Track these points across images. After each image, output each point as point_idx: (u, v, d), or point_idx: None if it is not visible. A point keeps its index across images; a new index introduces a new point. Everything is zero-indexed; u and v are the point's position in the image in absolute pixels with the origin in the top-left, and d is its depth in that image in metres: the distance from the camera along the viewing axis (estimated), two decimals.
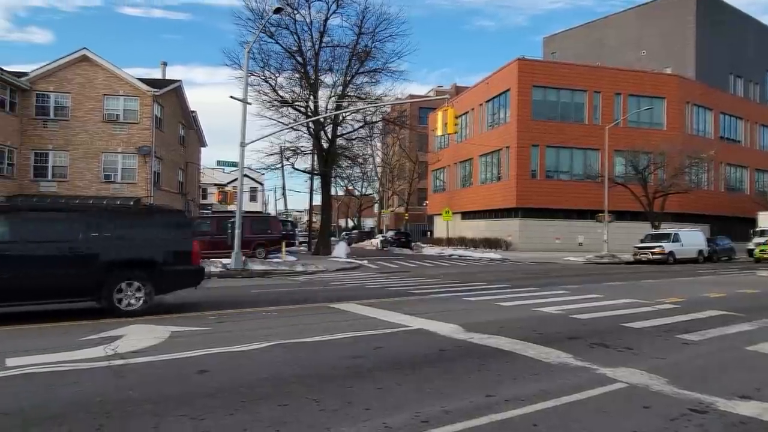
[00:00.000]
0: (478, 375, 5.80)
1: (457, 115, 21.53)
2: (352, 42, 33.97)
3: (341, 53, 34.36)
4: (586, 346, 7.19)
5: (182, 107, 37.29)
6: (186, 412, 4.54)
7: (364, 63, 34.36)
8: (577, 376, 5.73)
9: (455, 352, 6.90)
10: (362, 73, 34.76)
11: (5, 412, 4.50)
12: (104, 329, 8.13)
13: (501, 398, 4.97)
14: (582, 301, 12.08)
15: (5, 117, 27.34)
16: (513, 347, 7.08)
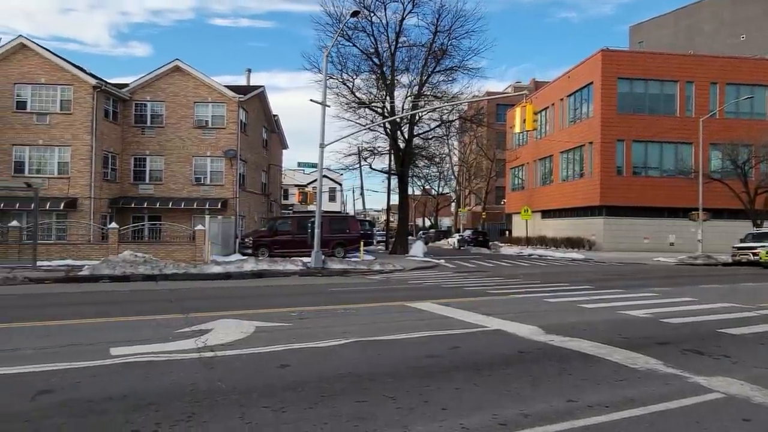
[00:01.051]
0: (558, 379, 5.63)
1: (536, 111, 20.95)
2: (428, 41, 33.97)
3: (417, 53, 34.45)
4: (677, 353, 6.78)
5: (265, 111, 38.81)
6: (268, 403, 4.74)
7: (440, 61, 34.23)
8: (667, 384, 5.42)
9: (534, 354, 6.73)
10: (438, 71, 34.65)
11: (110, 397, 4.90)
12: (195, 323, 8.63)
13: (583, 404, 4.79)
14: (673, 304, 11.39)
15: (109, 125, 29.69)
16: (596, 351, 6.81)
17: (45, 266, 19.76)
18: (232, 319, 8.96)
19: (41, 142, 28.05)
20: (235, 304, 11.09)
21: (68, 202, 27.42)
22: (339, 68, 33.48)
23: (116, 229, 23.70)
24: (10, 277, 16.27)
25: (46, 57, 28.43)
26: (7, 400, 4.85)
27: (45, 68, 28.29)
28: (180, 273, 18.17)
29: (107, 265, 18.07)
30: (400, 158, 34.99)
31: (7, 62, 28.05)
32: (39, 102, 28.23)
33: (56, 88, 28.24)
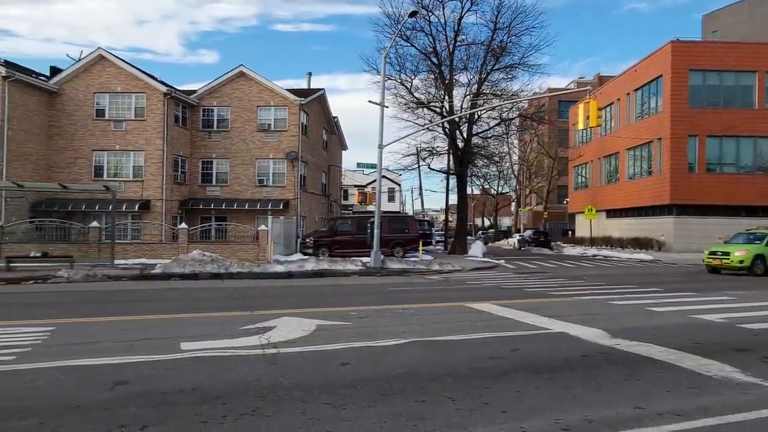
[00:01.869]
0: (625, 384, 5.43)
1: (600, 107, 20.26)
2: (487, 38, 33.52)
3: (476, 51, 34.06)
4: (757, 360, 6.38)
5: (325, 113, 39.49)
6: (329, 400, 4.83)
7: (499, 59, 33.70)
8: (745, 393, 5.12)
9: (599, 358, 6.52)
10: (498, 69, 34.12)
11: (181, 390, 5.15)
12: (259, 320, 8.91)
13: (652, 411, 4.60)
14: (753, 308, 10.72)
15: (179, 130, 31.11)
16: (666, 356, 6.51)
17: (122, 264, 20.94)
18: (293, 317, 9.18)
19: (118, 147, 29.74)
20: (296, 303, 11.37)
21: (142, 203, 28.93)
22: (397, 69, 33.62)
23: (186, 229, 24.81)
24: (91, 274, 17.35)
25: (122, 67, 30.12)
26: (89, 389, 5.19)
27: (121, 78, 29.97)
28: (244, 272, 18.79)
29: (177, 264, 18.93)
30: (459, 158, 34.70)
31: (88, 73, 29.93)
32: (116, 109, 29.96)
33: (131, 96, 29.87)
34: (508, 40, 33.22)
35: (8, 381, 5.44)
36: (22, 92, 28.13)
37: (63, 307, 11.24)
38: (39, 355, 6.44)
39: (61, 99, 29.82)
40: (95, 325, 8.76)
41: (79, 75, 29.92)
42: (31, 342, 7.21)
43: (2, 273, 17.77)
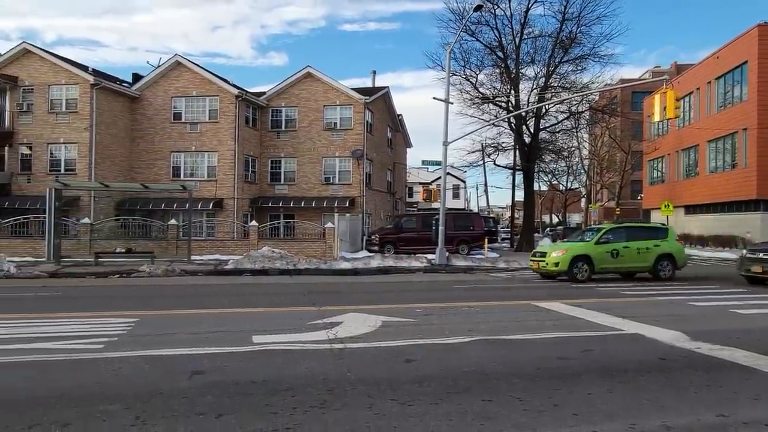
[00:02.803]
0: (706, 390, 5.14)
1: (678, 98, 19.19)
2: (555, 30, 32.54)
3: (543, 43, 33.13)
4: None
5: (390, 111, 39.68)
6: (395, 396, 4.87)
7: (568, 51, 32.62)
8: None
9: (678, 362, 6.20)
10: (567, 61, 33.05)
11: (253, 381, 5.35)
12: (326, 316, 9.10)
13: (737, 420, 4.33)
14: None
15: (249, 131, 32.24)
16: (753, 362, 6.10)
17: (197, 260, 21.98)
18: (359, 314, 9.31)
19: (193, 149, 31.21)
20: (362, 299, 11.52)
21: (216, 202, 30.22)
22: (462, 64, 33.25)
23: (256, 226, 25.70)
24: (170, 269, 18.32)
25: (197, 72, 31.55)
26: (169, 377, 5.49)
27: (195, 82, 31.41)
28: (312, 268, 19.23)
29: (248, 260, 19.65)
30: (526, 153, 33.90)
31: (166, 79, 31.57)
32: (191, 112, 31.44)
33: (205, 99, 31.25)
34: (578, 31, 32.12)
35: (98, 367, 5.84)
36: (108, 98, 30.05)
37: (145, 300, 11.94)
38: (124, 345, 6.88)
39: (142, 104, 31.63)
40: (174, 318, 9.26)
41: (158, 81, 31.61)
42: (117, 332, 7.71)
43: (92, 268, 19.09)
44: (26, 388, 5.06)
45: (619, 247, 16.50)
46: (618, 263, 16.53)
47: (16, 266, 17.80)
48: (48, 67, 29.70)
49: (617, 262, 16.52)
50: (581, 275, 16.07)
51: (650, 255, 16.64)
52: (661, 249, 16.83)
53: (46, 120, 29.52)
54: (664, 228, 18.18)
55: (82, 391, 4.99)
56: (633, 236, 16.97)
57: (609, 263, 16.47)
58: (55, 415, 4.31)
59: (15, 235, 24.33)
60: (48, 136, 29.52)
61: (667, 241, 17.16)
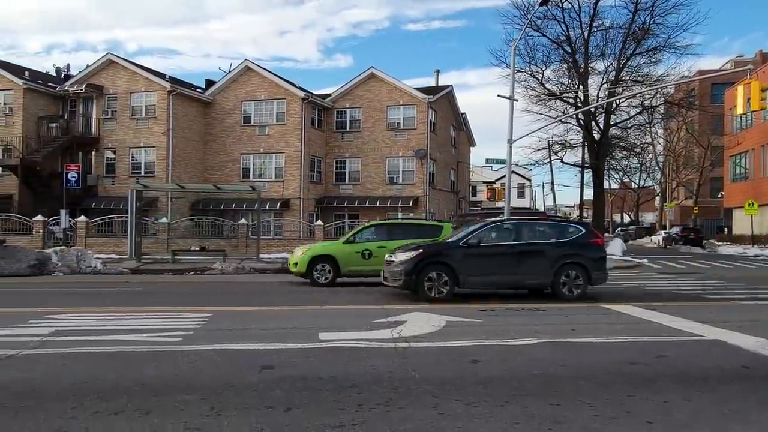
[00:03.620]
0: None
1: (763, 88, 17.94)
2: (627, 21, 31.18)
3: (614, 35, 31.84)
4: None
5: (453, 110, 39.43)
6: (459, 397, 4.85)
7: (641, 42, 31.18)
8: None
9: (764, 371, 5.81)
10: (639, 53, 31.62)
11: (320, 377, 5.48)
12: (391, 314, 9.18)
13: None
14: None
15: (315, 132, 32.98)
16: None
17: (266, 258, 22.70)
18: (423, 313, 9.32)
19: (262, 150, 32.28)
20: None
21: (283, 202, 31.12)
22: (527, 60, 32.49)
23: (321, 226, 26.26)
24: (240, 267, 19.04)
25: (265, 76, 32.61)
26: (240, 372, 5.72)
27: (263, 86, 32.46)
28: None
29: None
30: (595, 150, 32.71)
31: (237, 83, 32.83)
32: (260, 115, 32.54)
33: (273, 102, 32.25)
34: (651, 21, 30.64)
35: (176, 359, 6.18)
36: (183, 104, 31.61)
37: (218, 296, 12.49)
38: (199, 339, 7.23)
39: (214, 108, 33.04)
40: (245, 314, 9.63)
41: (229, 86, 32.92)
42: (193, 326, 8.11)
43: (169, 265, 20.15)
44: (113, 377, 5.42)
45: (372, 248, 14.53)
46: (368, 265, 14.39)
47: (102, 263, 19.05)
48: (129, 75, 31.59)
49: (368, 264, 14.40)
50: (322, 278, 14.45)
51: None
52: None
53: (128, 126, 31.42)
54: (438, 226, 15.76)
55: (161, 382, 5.30)
56: (396, 235, 14.82)
57: (358, 265, 14.53)
58: (138, 403, 4.60)
59: (101, 233, 26.07)
60: (130, 141, 31.40)
61: None
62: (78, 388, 5.05)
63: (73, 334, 7.44)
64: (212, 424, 4.14)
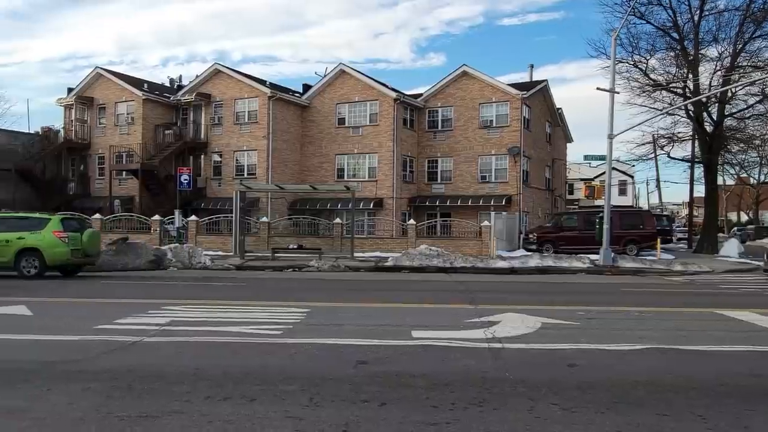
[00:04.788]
0: None
1: None
2: (744, 2, 28.48)
3: (729, 18, 29.16)
4: None
5: (548, 105, 38.14)
6: (556, 401, 4.72)
7: (761, 24, 28.35)
8: None
9: None
10: (759, 36, 28.75)
11: (413, 374, 5.55)
12: (483, 314, 9.08)
13: None
14: None
15: (407, 132, 33.26)
16: None
17: (359, 257, 23.24)
18: (517, 313, 9.13)
19: (356, 151, 33.06)
20: (519, 299, 11.27)
21: (376, 201, 31.68)
22: (629, 50, 30.61)
23: (413, 225, 26.44)
24: (335, 265, 19.66)
25: (359, 78, 33.36)
26: (337, 366, 5.93)
27: (357, 88, 33.22)
28: (468, 266, 19.26)
29: (407, 257, 20.29)
30: (707, 144, 30.20)
31: (332, 87, 33.88)
32: (354, 117, 33.35)
33: (366, 104, 32.92)
34: None
35: (277, 352, 6.52)
36: (282, 108, 33.12)
37: (315, 292, 12.98)
38: (298, 333, 7.58)
39: (310, 111, 34.31)
40: (340, 310, 9.94)
41: (325, 89, 34.03)
42: (293, 320, 8.51)
43: (270, 262, 21.21)
44: (222, 365, 5.83)
45: None
46: None
47: (210, 259, 20.44)
48: (234, 83, 33.59)
49: None
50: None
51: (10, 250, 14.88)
52: (25, 243, 14.97)
53: (232, 130, 33.44)
54: (45, 219, 15.76)
55: (265, 372, 5.62)
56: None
57: None
58: (244, 390, 4.92)
59: (209, 232, 27.97)
60: (234, 145, 33.40)
61: (38, 234, 15.07)
62: (191, 374, 5.49)
63: (186, 325, 8.07)
64: (311, 415, 4.34)
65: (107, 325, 7.90)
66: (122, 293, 12.26)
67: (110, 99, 35.42)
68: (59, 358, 6.11)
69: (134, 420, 4.17)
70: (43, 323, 8.32)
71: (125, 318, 8.48)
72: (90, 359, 6.07)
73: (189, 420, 4.19)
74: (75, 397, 4.73)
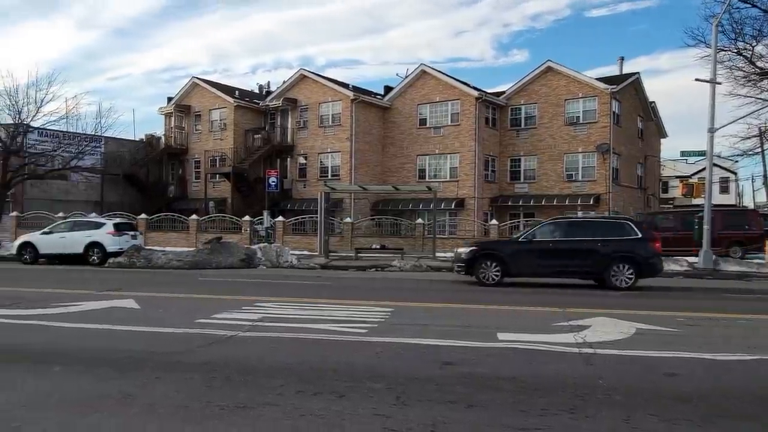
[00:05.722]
0: None
1: None
2: None
3: None
4: None
5: (640, 99, 36.17)
6: (655, 412, 4.48)
7: None
8: None
9: None
10: None
11: (499, 377, 5.47)
12: (572, 318, 8.77)
13: None
14: None
15: (489, 131, 32.75)
16: None
17: (441, 257, 23.14)
18: (609, 318, 8.74)
19: (437, 151, 32.99)
20: (610, 302, 10.78)
21: (457, 202, 31.45)
22: (732, 37, 28.20)
23: (496, 225, 25.97)
24: (417, 265, 19.71)
25: (440, 78, 33.27)
26: (422, 365, 5.96)
27: (438, 88, 33.13)
28: None
29: None
30: None
31: (413, 88, 34.02)
32: (435, 117, 33.30)
33: (447, 103, 32.76)
34: None
35: (363, 350, 6.65)
36: (364, 110, 33.69)
37: (398, 291, 13.09)
38: (383, 331, 7.68)
39: (392, 113, 34.64)
40: (424, 310, 9.97)
41: (406, 90, 34.24)
42: (377, 319, 8.64)
43: (353, 261, 21.64)
44: (311, 361, 6.04)
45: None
46: None
47: (296, 258, 21.17)
48: (318, 87, 34.60)
49: None
50: None
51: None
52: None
53: (316, 133, 34.47)
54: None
55: (351, 369, 5.75)
56: None
57: None
58: (333, 386, 5.07)
59: (295, 232, 28.96)
60: (318, 147, 34.40)
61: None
62: (283, 368, 5.73)
63: (277, 321, 8.42)
64: (398, 413, 4.39)
65: (205, 319, 8.41)
66: (218, 289, 12.99)
67: (205, 106, 37.65)
68: (165, 349, 6.58)
69: (232, 410, 4.43)
70: (150, 316, 9.00)
71: (221, 313, 8.98)
72: (191, 351, 6.49)
73: (282, 412, 4.38)
74: (179, 386, 5.09)
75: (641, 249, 13.41)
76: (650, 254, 13.47)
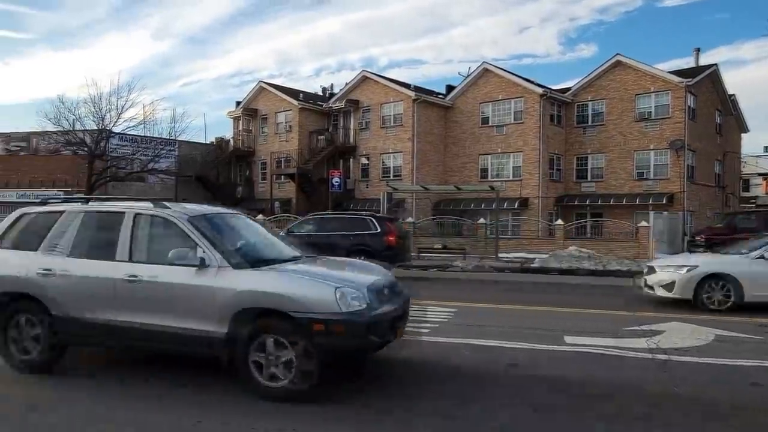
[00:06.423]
0: None
1: None
2: None
3: None
4: None
5: (718, 93, 34.16)
6: (736, 424, 4.29)
7: None
8: None
9: None
10: None
11: (567, 381, 5.38)
12: (644, 322, 8.45)
13: None
14: None
15: (554, 129, 31.92)
16: None
17: (504, 257, 22.81)
18: (685, 323, 8.36)
19: (499, 150, 32.50)
20: (685, 307, 10.28)
21: (521, 201, 30.85)
22: None
23: (561, 225, 25.29)
24: (480, 265, 19.53)
25: (502, 76, 32.74)
26: (487, 366, 5.95)
27: (501, 86, 32.61)
28: (623, 270, 17.94)
29: (555, 259, 19.51)
30: None
31: (475, 86, 33.66)
32: (497, 116, 32.79)
33: (510, 101, 32.19)
34: None
35: (431, 349, 6.70)
36: (426, 110, 33.67)
37: (460, 292, 13.04)
38: (446, 332, 7.70)
39: (453, 112, 34.42)
40: (487, 310, 9.90)
41: (468, 89, 33.91)
42: (440, 320, 8.67)
43: (415, 261, 21.69)
44: None
45: None
46: None
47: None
48: (380, 88, 34.88)
49: None
50: None
51: None
52: None
53: (378, 134, 34.75)
54: None
55: (422, 367, 5.81)
56: None
57: None
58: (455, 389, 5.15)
59: None
60: (380, 147, 34.67)
61: None
62: None
63: None
64: (462, 414, 4.42)
65: None
66: None
67: (271, 109, 38.79)
68: None
69: None
70: None
71: None
72: None
73: None
74: None
75: (376, 243, 14.65)
76: (383, 247, 14.59)
